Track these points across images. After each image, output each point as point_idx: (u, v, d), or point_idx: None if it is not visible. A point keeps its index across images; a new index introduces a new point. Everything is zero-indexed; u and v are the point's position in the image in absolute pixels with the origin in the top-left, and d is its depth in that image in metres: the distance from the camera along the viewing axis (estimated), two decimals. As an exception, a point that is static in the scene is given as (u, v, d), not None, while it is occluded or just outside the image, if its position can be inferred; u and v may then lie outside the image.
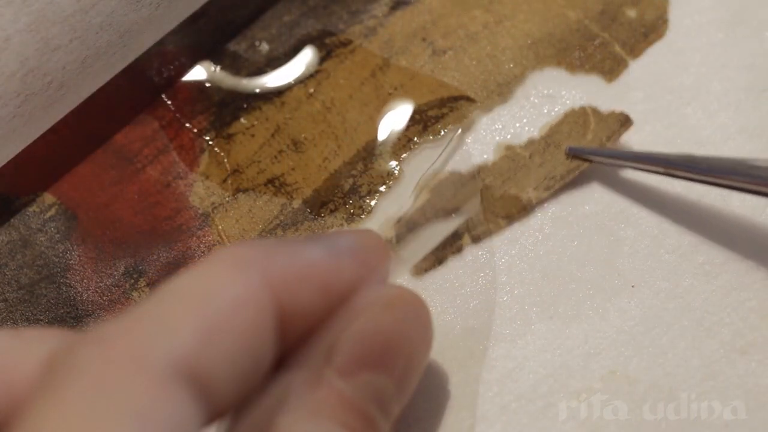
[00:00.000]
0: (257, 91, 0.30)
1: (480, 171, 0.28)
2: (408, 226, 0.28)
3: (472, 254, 0.27)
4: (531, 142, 0.28)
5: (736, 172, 0.24)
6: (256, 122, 0.30)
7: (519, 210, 0.28)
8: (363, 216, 0.28)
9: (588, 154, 0.27)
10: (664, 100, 0.29)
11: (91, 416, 0.16)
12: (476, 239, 0.27)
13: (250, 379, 0.19)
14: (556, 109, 0.29)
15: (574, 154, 0.28)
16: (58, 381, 0.17)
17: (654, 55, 0.29)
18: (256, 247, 0.19)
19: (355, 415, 0.19)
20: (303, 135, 0.29)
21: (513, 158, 0.28)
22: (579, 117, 0.29)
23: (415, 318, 0.22)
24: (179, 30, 0.30)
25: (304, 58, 0.31)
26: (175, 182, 0.29)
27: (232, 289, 0.18)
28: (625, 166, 0.27)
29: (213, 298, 0.18)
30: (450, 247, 0.27)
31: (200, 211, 0.29)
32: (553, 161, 0.28)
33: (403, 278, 0.27)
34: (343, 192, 0.29)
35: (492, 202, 0.28)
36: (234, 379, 0.18)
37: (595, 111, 0.28)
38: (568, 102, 0.29)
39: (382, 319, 0.21)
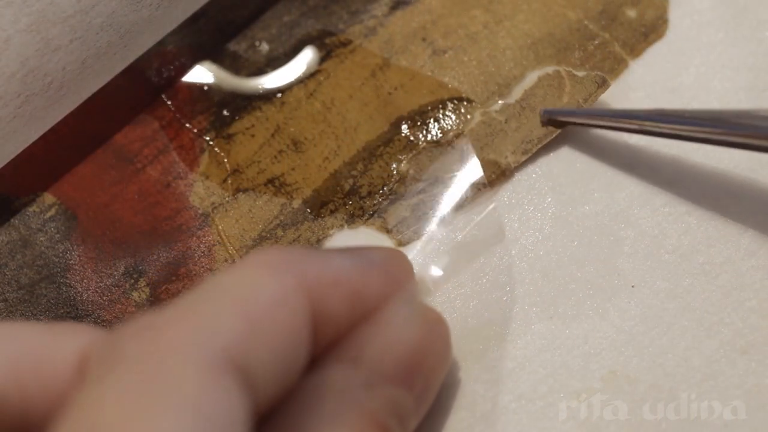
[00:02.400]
0: (257, 91, 0.30)
1: (457, 138, 0.28)
2: (389, 199, 0.28)
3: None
4: (506, 106, 0.29)
5: (707, 123, 0.24)
6: (256, 122, 0.30)
7: (498, 175, 0.28)
8: (363, 217, 0.28)
9: (562, 115, 0.28)
10: (665, 100, 0.29)
11: (146, 402, 0.16)
12: (458, 207, 0.28)
13: (286, 379, 0.19)
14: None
15: (548, 117, 0.28)
16: (109, 368, 0.17)
17: (654, 55, 0.29)
18: (290, 252, 0.20)
19: (376, 428, 0.20)
20: (303, 135, 0.29)
21: (489, 123, 0.28)
22: (553, 80, 0.29)
23: (437, 336, 0.22)
24: (179, 30, 0.30)
25: (304, 58, 0.31)
26: (175, 182, 0.29)
27: (272, 289, 0.19)
28: (599, 126, 0.27)
29: (254, 296, 0.18)
30: (433, 216, 0.28)
31: (200, 211, 0.29)
32: (529, 125, 0.28)
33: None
34: (344, 192, 0.29)
35: (471, 168, 0.28)
36: (273, 376, 0.18)
37: (570, 73, 0.29)
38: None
39: (406, 336, 0.21)
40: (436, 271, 0.27)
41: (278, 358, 0.18)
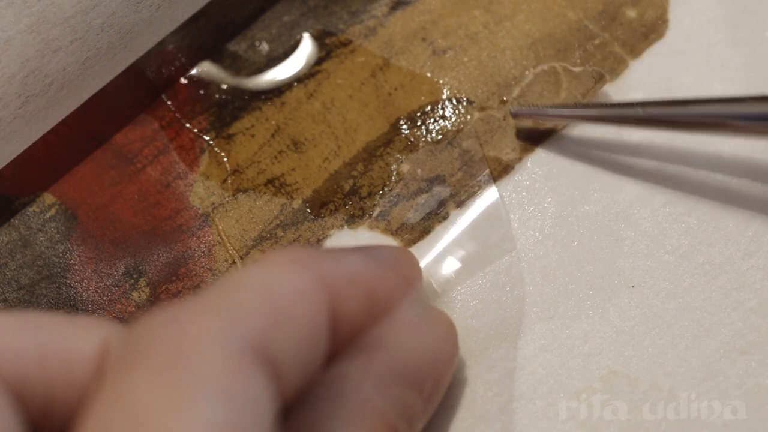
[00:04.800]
0: (257, 91, 0.30)
1: (456, 136, 0.28)
2: (391, 201, 0.28)
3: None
4: (504, 104, 0.29)
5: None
6: (256, 122, 0.30)
7: (500, 170, 0.28)
8: (364, 217, 0.28)
9: (530, 114, 0.28)
10: (664, 100, 0.29)
11: (177, 387, 0.16)
12: (460, 204, 0.28)
13: (307, 373, 0.19)
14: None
15: (515, 115, 0.28)
16: (138, 356, 0.17)
17: (654, 55, 0.29)
18: (308, 251, 0.20)
19: (386, 429, 0.20)
20: (303, 135, 0.29)
21: (487, 121, 0.28)
22: (549, 76, 0.29)
23: (447, 340, 0.23)
24: (179, 30, 0.30)
25: (304, 58, 0.31)
26: (175, 182, 0.29)
27: (294, 283, 0.19)
28: (574, 120, 0.27)
29: (277, 289, 0.19)
30: (436, 215, 0.28)
31: (200, 211, 0.29)
32: (527, 122, 0.28)
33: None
34: (344, 193, 0.29)
35: (471, 166, 0.28)
36: (295, 368, 0.19)
37: (566, 69, 0.29)
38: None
39: (418, 339, 0.21)
40: (443, 272, 0.27)
41: (301, 351, 0.19)
